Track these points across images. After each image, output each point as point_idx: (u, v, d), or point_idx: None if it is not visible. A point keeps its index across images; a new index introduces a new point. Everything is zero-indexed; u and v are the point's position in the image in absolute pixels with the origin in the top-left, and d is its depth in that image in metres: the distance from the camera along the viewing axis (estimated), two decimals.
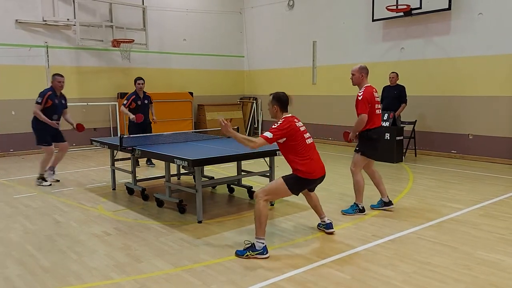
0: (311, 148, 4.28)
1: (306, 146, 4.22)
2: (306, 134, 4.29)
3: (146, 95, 8.56)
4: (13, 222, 5.22)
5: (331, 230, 4.61)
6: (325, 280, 3.53)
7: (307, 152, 4.20)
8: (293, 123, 4.18)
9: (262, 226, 4.04)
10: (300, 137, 4.20)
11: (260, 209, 4.04)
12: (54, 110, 7.08)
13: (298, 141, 4.18)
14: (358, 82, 5.25)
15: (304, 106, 12.77)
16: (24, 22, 10.29)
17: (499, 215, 5.28)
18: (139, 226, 5.00)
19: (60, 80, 7.09)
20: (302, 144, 4.19)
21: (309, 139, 4.29)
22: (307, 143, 4.23)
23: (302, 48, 12.67)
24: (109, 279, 3.60)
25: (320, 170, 4.28)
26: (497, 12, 8.70)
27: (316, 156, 4.31)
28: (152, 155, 5.51)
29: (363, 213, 5.26)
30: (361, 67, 5.22)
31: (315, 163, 4.23)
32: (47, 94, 6.97)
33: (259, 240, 4.03)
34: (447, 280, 3.51)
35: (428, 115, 9.95)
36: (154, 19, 12.29)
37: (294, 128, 4.17)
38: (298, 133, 4.20)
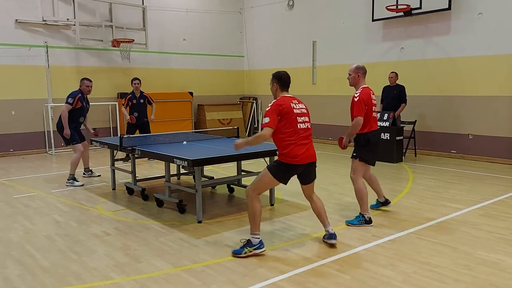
0: (302, 133, 4.08)
1: (296, 130, 4.04)
2: (301, 117, 4.11)
3: (143, 95, 8.82)
4: (13, 222, 5.21)
5: (333, 241, 4.25)
6: (325, 280, 3.53)
7: (295, 136, 4.03)
8: (288, 103, 4.06)
9: (256, 221, 4.05)
10: (292, 119, 4.03)
11: (251, 205, 4.05)
12: (82, 113, 7.33)
13: (288, 122, 4.02)
14: (354, 83, 4.99)
15: None
16: (24, 22, 10.29)
17: (499, 215, 5.28)
18: (139, 226, 5.00)
19: (89, 84, 7.33)
20: (291, 127, 4.02)
21: (302, 124, 4.09)
22: (298, 127, 4.06)
23: (302, 48, 12.67)
24: (108, 279, 3.60)
25: (306, 157, 4.08)
26: (497, 12, 8.70)
27: (306, 142, 4.10)
28: (152, 155, 5.51)
29: (370, 224, 4.88)
30: (358, 67, 4.97)
31: (300, 148, 4.04)
32: (78, 96, 7.17)
33: (254, 236, 4.05)
34: (447, 280, 3.51)
35: (428, 115, 9.95)
36: (154, 19, 12.29)
37: (288, 107, 4.03)
38: (291, 114, 4.03)
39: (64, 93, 10.89)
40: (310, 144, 4.18)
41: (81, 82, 7.37)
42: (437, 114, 9.81)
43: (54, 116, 10.77)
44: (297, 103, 4.16)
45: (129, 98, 8.73)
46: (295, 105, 4.12)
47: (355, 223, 4.91)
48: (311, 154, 4.16)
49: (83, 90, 7.33)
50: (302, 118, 4.13)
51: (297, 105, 4.14)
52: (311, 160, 4.16)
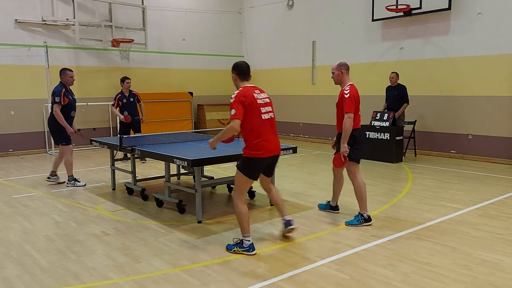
0: (266, 125, 4.03)
1: (260, 122, 3.99)
2: (264, 108, 4.05)
3: (132, 93, 8.89)
4: (12, 222, 5.21)
5: (291, 227, 4.36)
6: (325, 280, 3.53)
7: (260, 128, 3.98)
8: (251, 93, 4.01)
9: (243, 224, 4.08)
10: (255, 111, 3.98)
11: (236, 209, 4.10)
12: (72, 107, 6.95)
13: (252, 113, 3.96)
14: (339, 80, 4.90)
15: (304, 106, 12.78)
16: (24, 22, 10.29)
17: (498, 215, 5.28)
18: (138, 226, 4.99)
19: (72, 74, 6.93)
20: (255, 118, 3.97)
21: (265, 114, 4.05)
22: (262, 118, 4.01)
23: (302, 48, 12.67)
24: (108, 279, 3.60)
25: (271, 149, 4.05)
26: (497, 12, 8.70)
27: (270, 133, 4.06)
28: (152, 155, 5.50)
29: (369, 223, 4.89)
30: (340, 64, 4.88)
31: (265, 141, 4.00)
32: (62, 91, 6.74)
33: (245, 238, 4.09)
34: (446, 280, 3.51)
35: (428, 115, 9.95)
36: (153, 19, 12.29)
37: (251, 97, 3.98)
38: (255, 104, 3.98)
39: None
40: (275, 136, 4.16)
41: (63, 73, 6.87)
42: (437, 114, 9.81)
43: None
44: (259, 92, 4.13)
45: (119, 98, 8.75)
46: (257, 95, 4.08)
47: (354, 223, 4.90)
48: (276, 146, 4.15)
49: (67, 82, 6.86)
50: (266, 108, 4.08)
51: (259, 95, 4.10)
52: (276, 152, 4.16)
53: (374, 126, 9.13)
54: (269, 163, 4.17)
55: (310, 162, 9.14)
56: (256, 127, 3.99)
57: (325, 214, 5.38)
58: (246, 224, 4.08)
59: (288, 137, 13.29)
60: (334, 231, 4.73)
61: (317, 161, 9.24)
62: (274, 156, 4.15)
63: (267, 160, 4.10)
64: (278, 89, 13.47)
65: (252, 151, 4.00)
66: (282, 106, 13.46)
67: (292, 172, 8.07)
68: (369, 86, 10.95)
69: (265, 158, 4.06)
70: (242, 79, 4.18)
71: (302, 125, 12.97)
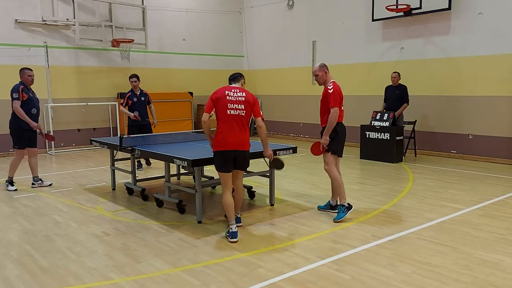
0: (230, 119, 4.34)
1: (225, 117, 4.34)
2: (233, 104, 4.35)
3: (143, 93, 8.29)
4: (12, 222, 5.21)
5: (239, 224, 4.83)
6: (325, 280, 3.53)
7: (223, 122, 4.34)
8: (221, 90, 4.39)
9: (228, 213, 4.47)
10: (221, 105, 4.34)
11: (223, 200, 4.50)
12: (32, 104, 6.78)
13: (218, 108, 4.36)
14: (323, 80, 5.16)
15: (303, 106, 12.77)
16: (24, 22, 10.29)
17: (499, 215, 5.28)
18: (139, 226, 4.99)
19: (31, 74, 6.83)
20: (221, 113, 4.35)
21: (233, 110, 4.35)
22: (227, 113, 4.33)
23: (302, 48, 12.66)
24: (108, 279, 3.60)
25: (232, 143, 4.34)
26: (497, 12, 8.70)
27: (234, 128, 4.35)
28: (152, 155, 5.50)
29: (351, 209, 5.09)
30: (321, 65, 5.15)
31: (227, 134, 4.32)
32: (20, 88, 6.65)
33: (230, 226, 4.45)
34: (447, 280, 3.50)
35: (428, 115, 9.95)
36: (153, 19, 12.29)
37: (219, 95, 4.37)
38: (222, 100, 4.34)
39: (64, 93, 11.05)
40: (240, 132, 4.38)
41: (22, 72, 6.79)
42: (437, 114, 9.81)
43: (54, 116, 10.79)
44: (237, 91, 4.42)
45: (128, 97, 8.14)
46: (233, 92, 4.40)
47: (341, 216, 5.05)
48: (239, 141, 4.37)
49: (26, 81, 6.76)
50: (235, 105, 4.36)
51: (235, 93, 4.40)
52: (240, 148, 4.39)
53: (374, 126, 9.12)
54: (235, 157, 4.42)
55: (310, 162, 9.14)
56: (221, 122, 4.38)
57: (325, 214, 5.38)
58: (231, 213, 4.44)
59: (288, 137, 13.29)
60: (334, 231, 4.73)
61: (317, 161, 9.22)
62: (238, 151, 4.40)
63: (231, 154, 4.39)
64: (278, 89, 13.47)
65: (216, 145, 4.41)
66: (282, 106, 13.46)
67: (292, 172, 8.07)
68: (369, 86, 10.96)
69: (228, 152, 4.37)
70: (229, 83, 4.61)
71: (302, 125, 12.97)
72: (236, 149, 4.38)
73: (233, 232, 4.40)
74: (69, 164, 9.20)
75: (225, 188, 4.50)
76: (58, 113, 10.96)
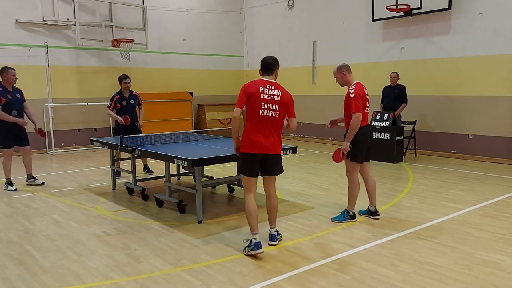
0: (262, 120, 3.93)
1: (257, 117, 3.92)
2: (267, 104, 3.93)
3: (133, 95, 7.67)
4: (13, 222, 5.21)
5: (272, 243, 4.25)
6: (325, 280, 3.53)
7: (254, 122, 3.93)
8: (255, 85, 3.96)
9: (249, 222, 4.08)
10: (254, 103, 3.91)
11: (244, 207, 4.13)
12: (11, 106, 6.66)
13: (250, 106, 3.93)
14: (343, 82, 4.95)
15: (304, 106, 12.77)
16: (24, 22, 10.29)
17: (499, 215, 5.28)
18: (139, 226, 4.99)
19: (14, 73, 6.70)
20: (252, 112, 3.93)
21: (266, 111, 3.93)
22: (259, 113, 3.92)
23: (302, 48, 12.66)
24: (109, 279, 3.60)
25: (263, 146, 3.94)
26: (497, 12, 8.70)
27: (265, 130, 3.94)
28: (152, 155, 5.50)
29: (354, 219, 5.00)
30: (339, 67, 4.93)
31: (257, 136, 3.93)
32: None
33: (252, 236, 4.05)
34: (447, 280, 3.51)
35: (428, 115, 9.95)
36: (154, 19, 12.29)
37: (252, 90, 3.93)
38: (254, 97, 3.91)
39: (64, 93, 11.05)
40: (272, 134, 4.00)
41: (4, 71, 6.65)
42: (437, 114, 9.81)
43: (54, 116, 10.79)
44: (273, 88, 4.00)
45: (117, 100, 7.48)
46: (267, 89, 3.97)
47: (340, 219, 5.00)
48: (270, 144, 3.98)
49: (8, 81, 6.64)
50: (269, 105, 3.94)
51: (270, 90, 3.98)
52: (268, 151, 3.99)
53: (374, 126, 9.12)
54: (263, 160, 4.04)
55: (310, 162, 9.14)
56: (252, 122, 3.98)
57: (325, 214, 5.38)
58: (251, 221, 4.04)
59: (288, 137, 13.28)
60: (334, 231, 4.73)
61: (317, 161, 9.23)
62: (266, 154, 4.01)
63: (259, 157, 4.01)
64: None
65: (244, 147, 4.04)
66: None
67: (293, 172, 8.07)
68: (369, 86, 10.83)
69: (255, 155, 3.99)
70: (263, 73, 4.17)
71: (302, 125, 12.96)
72: (266, 152, 3.98)
73: (257, 243, 3.96)
74: (69, 164, 9.21)
75: (247, 193, 4.10)
76: (59, 113, 10.96)
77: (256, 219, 4.05)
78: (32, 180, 7.17)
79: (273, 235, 4.29)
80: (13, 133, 6.78)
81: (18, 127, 6.78)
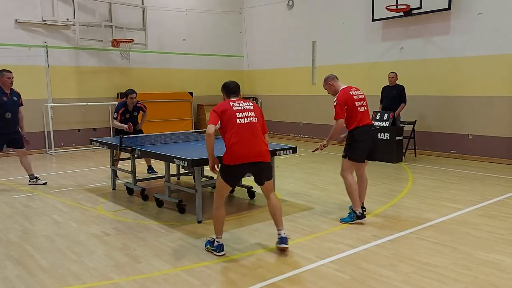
0: (242, 128, 3.82)
1: (235, 126, 3.81)
2: (241, 113, 3.87)
3: (137, 106, 7.65)
4: (12, 222, 5.21)
5: (284, 245, 4.06)
6: (325, 280, 3.53)
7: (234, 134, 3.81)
8: (225, 103, 3.94)
9: (215, 226, 4.07)
10: (229, 116, 3.83)
11: (213, 210, 4.09)
12: (5, 108, 6.68)
13: (226, 120, 3.83)
14: (332, 91, 5.10)
15: (304, 106, 12.78)
16: (24, 22, 10.29)
17: (499, 215, 5.28)
18: (139, 226, 4.99)
19: (10, 76, 6.72)
20: (229, 124, 3.83)
21: (243, 119, 3.85)
22: (237, 122, 3.82)
23: (302, 48, 12.66)
24: (108, 279, 3.60)
25: (248, 155, 3.80)
26: (497, 12, 8.70)
27: (248, 137, 3.82)
28: (152, 155, 5.50)
29: (362, 219, 4.94)
30: (325, 78, 5.15)
31: (240, 146, 3.79)
32: None
33: (216, 239, 4.08)
34: (447, 280, 3.51)
35: (428, 115, 9.95)
36: (153, 19, 12.29)
37: (224, 107, 3.88)
38: (228, 112, 3.84)
39: (64, 93, 11.05)
40: (256, 141, 3.89)
41: (1, 75, 6.67)
42: (437, 114, 9.81)
43: (54, 116, 10.79)
44: (242, 102, 4.02)
45: (122, 112, 7.49)
46: (237, 103, 3.97)
47: (348, 220, 4.99)
48: (257, 152, 3.87)
49: (4, 83, 6.66)
50: (244, 113, 3.89)
51: (241, 103, 3.99)
52: (260, 159, 3.90)
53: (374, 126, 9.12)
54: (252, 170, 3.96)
55: (310, 162, 9.14)
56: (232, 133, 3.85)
57: (324, 214, 5.38)
58: (217, 227, 4.05)
59: (288, 137, 13.29)
60: (334, 231, 4.73)
61: (317, 161, 9.23)
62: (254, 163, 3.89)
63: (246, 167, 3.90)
64: (278, 89, 13.46)
65: (229, 158, 3.89)
66: (282, 106, 13.46)
67: (292, 172, 8.07)
68: (369, 86, 10.92)
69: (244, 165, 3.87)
70: (228, 96, 4.12)
71: (302, 125, 12.97)
72: (256, 161, 3.86)
73: (221, 245, 4.03)
74: (69, 164, 9.20)
75: (221, 198, 4.03)
76: (58, 113, 10.96)
77: (223, 224, 4.09)
78: (34, 180, 7.18)
79: (284, 238, 4.08)
80: (5, 137, 6.79)
81: (12, 131, 6.80)
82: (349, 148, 5.01)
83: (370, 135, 5.11)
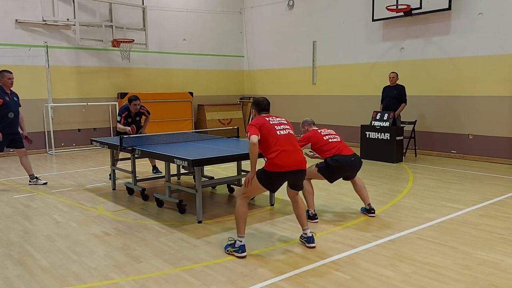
0: (282, 139, 4.09)
1: (276, 137, 4.08)
2: (278, 126, 4.17)
3: (140, 112, 7.63)
4: (12, 222, 5.21)
5: (312, 244, 4.23)
6: (325, 280, 3.53)
7: (276, 144, 4.04)
8: (261, 118, 4.21)
9: (238, 224, 4.07)
10: (268, 128, 4.10)
11: (236, 208, 4.10)
12: (8, 108, 6.74)
13: (265, 133, 4.08)
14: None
15: (304, 106, 12.78)
16: (24, 22, 10.29)
17: (499, 215, 5.28)
18: (139, 226, 5.00)
19: (10, 76, 6.77)
20: (270, 136, 4.08)
21: (282, 131, 4.15)
22: (277, 134, 4.10)
23: (302, 48, 12.67)
24: (108, 279, 3.60)
25: (291, 163, 4.05)
26: (497, 12, 8.70)
27: (289, 148, 4.09)
28: (152, 155, 5.50)
29: (314, 220, 5.01)
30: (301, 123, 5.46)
31: (284, 155, 4.02)
32: None
33: (238, 238, 4.07)
34: (447, 280, 3.51)
35: (428, 115, 9.95)
36: (154, 19, 12.29)
37: (261, 121, 4.14)
38: (266, 125, 4.12)
39: (64, 93, 11.05)
40: (295, 150, 4.15)
41: (1, 75, 6.72)
42: (437, 114, 9.81)
43: (54, 116, 10.79)
44: (274, 117, 4.28)
45: (125, 116, 7.48)
46: (272, 118, 4.24)
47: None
48: (297, 160, 4.11)
49: (4, 84, 6.71)
50: (281, 126, 4.19)
51: (274, 118, 4.25)
52: (299, 167, 4.12)
53: (374, 126, 9.13)
54: (291, 177, 4.16)
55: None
56: (274, 143, 4.06)
57: (324, 214, 5.38)
58: (241, 224, 4.07)
59: None
60: (334, 231, 4.73)
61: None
62: (295, 171, 4.10)
63: (289, 175, 4.11)
64: (278, 89, 13.47)
65: (273, 165, 4.03)
66: (282, 106, 13.45)
67: None
68: (369, 86, 10.96)
69: (286, 173, 4.06)
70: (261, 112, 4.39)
71: None
72: (296, 169, 4.09)
73: (242, 246, 4.04)
74: (69, 164, 9.21)
75: (245, 198, 4.15)
76: (58, 113, 10.96)
77: (245, 222, 4.11)
78: (35, 180, 7.19)
79: (310, 237, 4.26)
80: (7, 137, 6.79)
81: (14, 131, 6.82)
82: (324, 166, 5.09)
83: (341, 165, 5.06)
